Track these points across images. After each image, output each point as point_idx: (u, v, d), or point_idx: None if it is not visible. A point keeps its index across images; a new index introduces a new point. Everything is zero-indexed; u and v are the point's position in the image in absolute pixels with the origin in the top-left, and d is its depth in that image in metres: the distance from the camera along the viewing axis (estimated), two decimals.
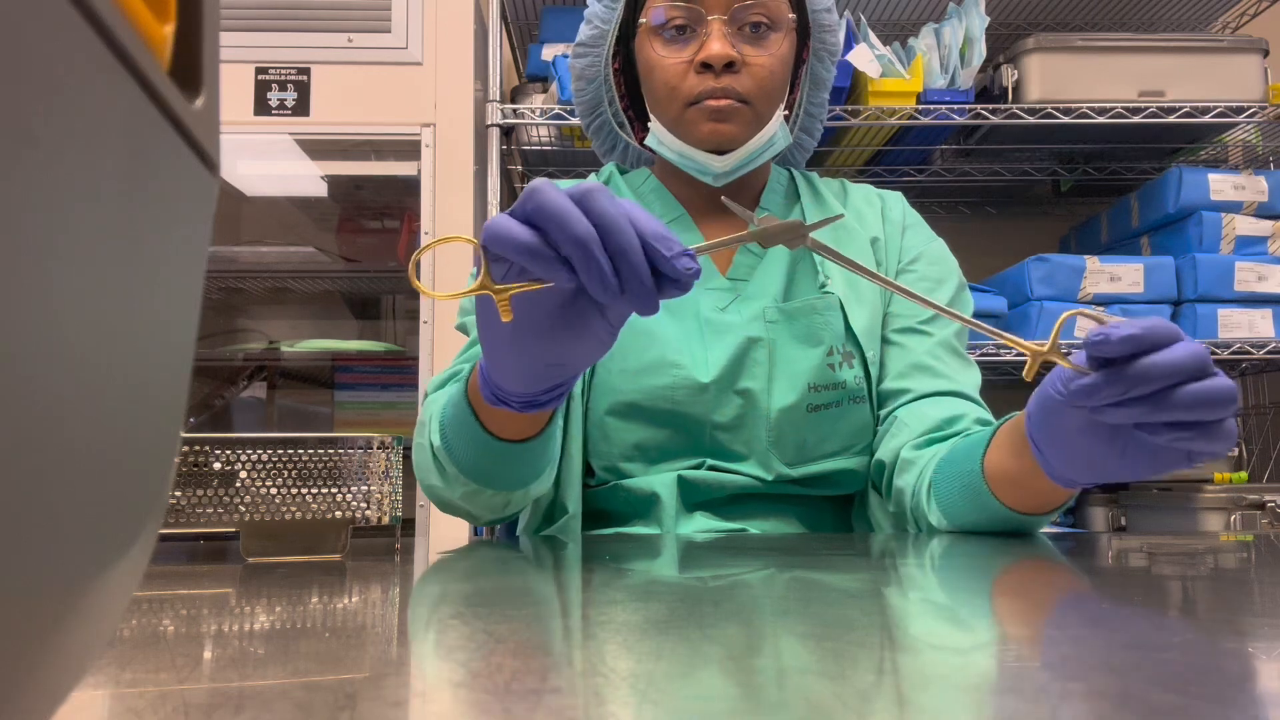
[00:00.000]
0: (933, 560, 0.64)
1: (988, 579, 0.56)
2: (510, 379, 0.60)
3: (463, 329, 0.94)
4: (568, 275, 0.50)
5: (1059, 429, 0.63)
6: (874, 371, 0.91)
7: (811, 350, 0.88)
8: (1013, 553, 0.66)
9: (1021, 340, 0.61)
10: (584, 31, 0.97)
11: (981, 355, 1.95)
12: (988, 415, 0.90)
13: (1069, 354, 0.59)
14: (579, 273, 0.50)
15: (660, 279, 0.51)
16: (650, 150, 0.96)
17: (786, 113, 0.97)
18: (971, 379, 0.92)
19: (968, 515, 0.77)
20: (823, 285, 0.92)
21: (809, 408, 0.87)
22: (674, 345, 0.88)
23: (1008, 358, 1.96)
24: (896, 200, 1.01)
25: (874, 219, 0.98)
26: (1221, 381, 0.55)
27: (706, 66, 0.87)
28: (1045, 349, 0.59)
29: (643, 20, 0.91)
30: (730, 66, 0.87)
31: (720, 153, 0.91)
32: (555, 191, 0.50)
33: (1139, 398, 0.55)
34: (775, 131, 0.92)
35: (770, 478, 0.87)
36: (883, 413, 0.91)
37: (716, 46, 0.86)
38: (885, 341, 0.94)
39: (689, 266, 0.51)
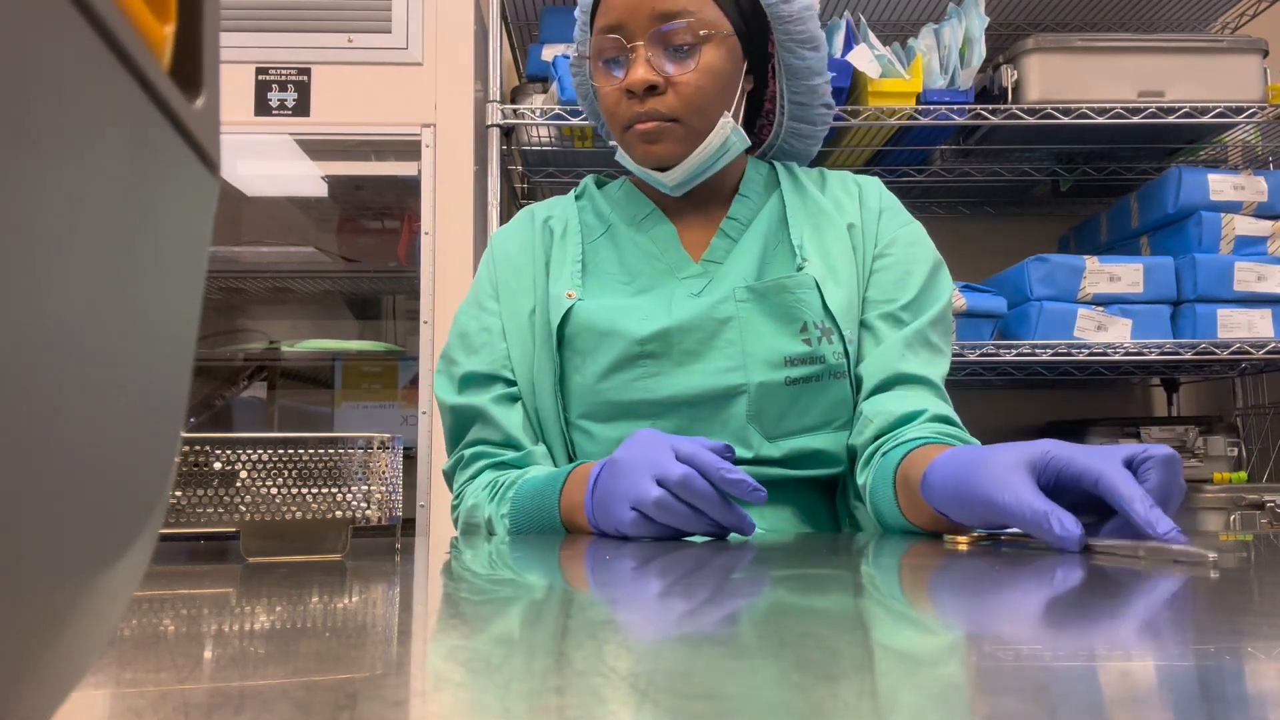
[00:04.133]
0: (930, 561, 0.64)
1: (986, 580, 0.56)
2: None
3: (447, 408, 0.97)
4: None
5: (966, 500, 0.68)
6: (852, 351, 0.92)
7: (785, 326, 0.90)
8: (1010, 555, 0.66)
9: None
10: (574, 52, 1.02)
11: (980, 355, 1.95)
12: (947, 408, 0.91)
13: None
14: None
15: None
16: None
17: (770, 109, 0.98)
18: (938, 369, 0.94)
19: (886, 519, 0.83)
20: (800, 266, 0.93)
21: (787, 380, 0.88)
22: (636, 336, 0.90)
23: (1007, 358, 1.96)
24: (873, 186, 1.02)
25: (851, 206, 0.99)
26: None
27: (631, 92, 0.90)
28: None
29: (590, 51, 0.95)
30: (653, 90, 0.90)
31: (662, 169, 0.93)
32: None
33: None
34: (724, 137, 0.93)
35: (750, 455, 0.88)
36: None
37: (638, 72, 0.89)
38: (862, 325, 0.94)
39: (755, 490, 0.71)
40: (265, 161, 2.03)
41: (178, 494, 0.59)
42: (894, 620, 0.42)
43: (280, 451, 0.61)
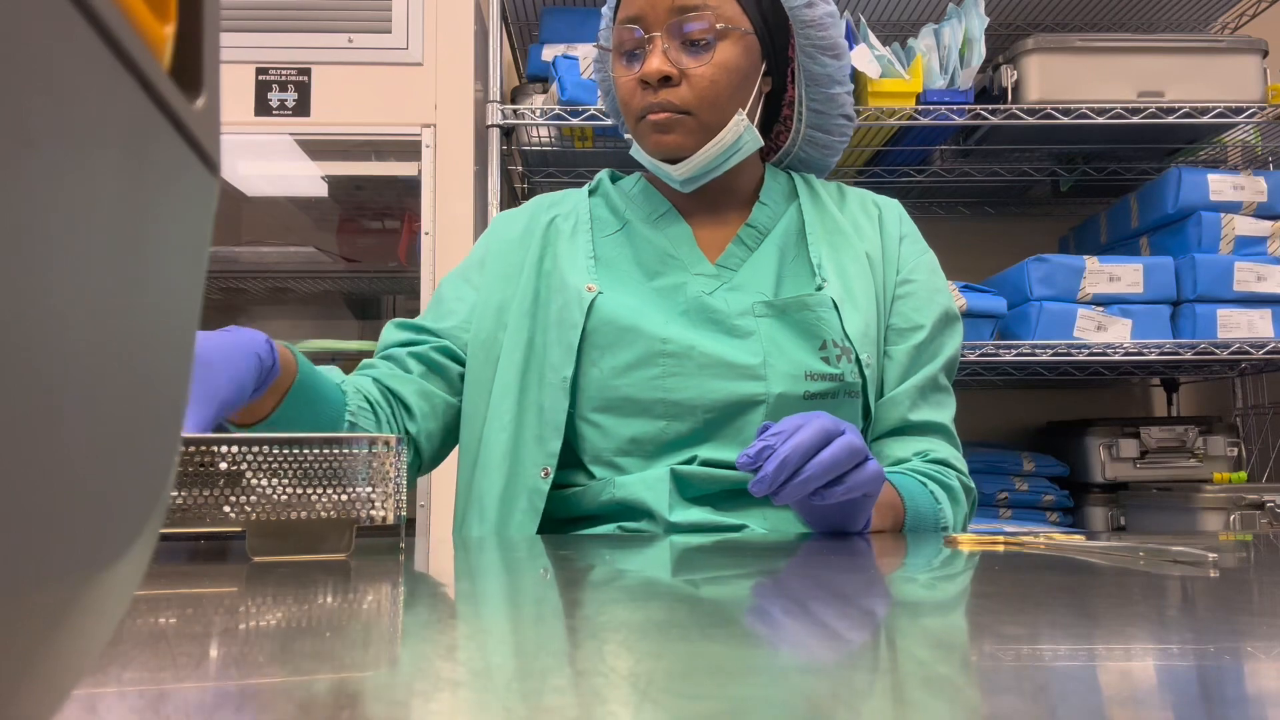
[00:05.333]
0: (931, 561, 0.64)
1: (986, 580, 0.56)
2: None
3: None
4: None
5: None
6: (869, 375, 0.92)
7: (806, 343, 0.90)
8: (1010, 556, 0.66)
9: None
10: (598, 44, 1.02)
11: (981, 355, 1.95)
12: (947, 449, 0.94)
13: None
14: None
15: None
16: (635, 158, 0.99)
17: (789, 115, 0.98)
18: (948, 411, 0.97)
19: None
20: (820, 287, 0.93)
21: (805, 395, 0.88)
22: (660, 335, 0.89)
23: (1008, 358, 1.96)
24: (893, 209, 1.02)
25: (871, 231, 0.99)
26: (833, 452, 0.71)
27: (646, 83, 0.91)
28: None
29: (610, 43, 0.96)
30: (667, 81, 0.90)
31: (672, 161, 0.94)
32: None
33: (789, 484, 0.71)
34: (738, 135, 0.93)
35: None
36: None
37: (653, 63, 0.90)
38: (885, 355, 0.96)
39: None
40: (265, 161, 2.03)
41: (183, 494, 0.59)
42: (894, 619, 0.42)
43: (285, 451, 0.61)
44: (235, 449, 0.60)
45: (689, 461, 0.88)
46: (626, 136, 1.01)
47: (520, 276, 0.98)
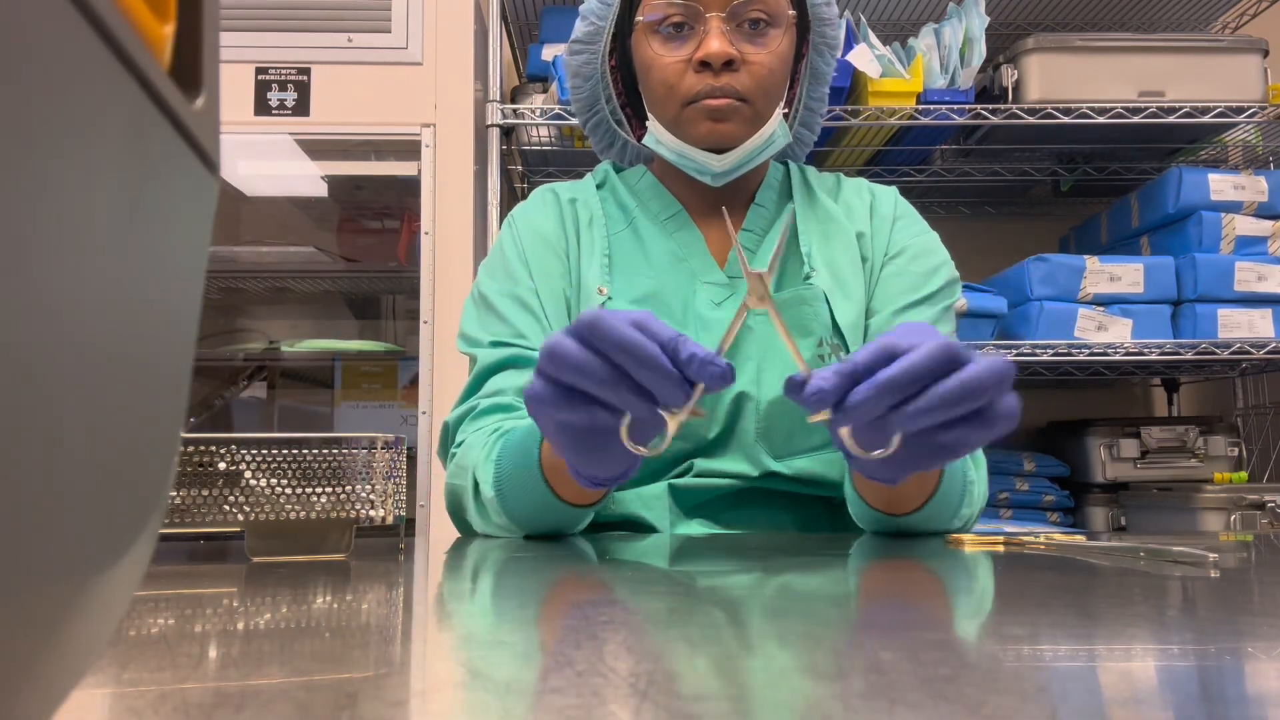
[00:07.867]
0: (931, 561, 0.64)
1: (986, 579, 0.56)
2: (585, 467, 0.64)
3: (468, 355, 0.92)
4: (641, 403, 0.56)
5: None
6: None
7: (801, 341, 0.88)
8: (1010, 555, 0.66)
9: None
10: (580, 28, 0.96)
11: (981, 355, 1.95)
12: None
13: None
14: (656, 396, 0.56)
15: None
16: (649, 148, 0.95)
17: (786, 110, 0.96)
18: None
19: (864, 520, 0.80)
20: (807, 276, 0.91)
21: None
22: None
23: (1008, 358, 1.96)
24: (888, 195, 1.00)
25: (862, 213, 0.97)
26: (972, 372, 0.56)
27: (705, 65, 0.86)
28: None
29: (639, 18, 0.90)
30: (729, 65, 0.86)
31: (719, 151, 0.90)
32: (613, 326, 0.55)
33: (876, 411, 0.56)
34: (774, 129, 0.91)
35: (756, 473, 0.86)
36: None
37: (715, 45, 0.85)
38: (865, 331, 0.93)
39: (714, 372, 0.56)
40: (265, 161, 2.03)
41: (181, 494, 0.59)
42: (894, 620, 0.42)
43: (285, 451, 0.61)
44: (235, 449, 0.60)
45: (685, 472, 0.87)
46: (616, 129, 0.99)
47: (568, 267, 0.93)
